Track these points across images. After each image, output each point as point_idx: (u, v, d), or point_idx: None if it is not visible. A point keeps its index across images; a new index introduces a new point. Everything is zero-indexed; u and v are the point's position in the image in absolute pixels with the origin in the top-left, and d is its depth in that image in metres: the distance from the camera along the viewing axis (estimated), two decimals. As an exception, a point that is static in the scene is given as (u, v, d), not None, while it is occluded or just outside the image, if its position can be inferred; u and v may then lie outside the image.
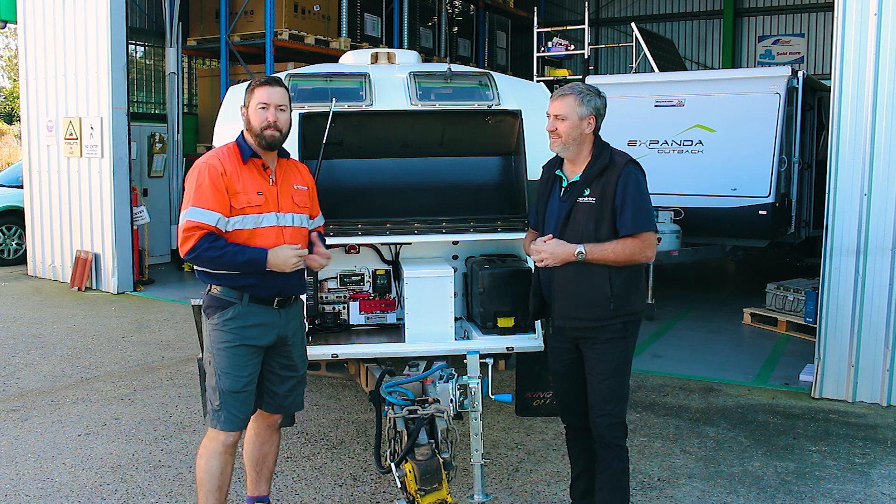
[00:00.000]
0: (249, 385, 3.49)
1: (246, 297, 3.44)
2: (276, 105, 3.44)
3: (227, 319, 3.44)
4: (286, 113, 3.49)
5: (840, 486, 4.53)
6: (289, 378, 3.65)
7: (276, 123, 3.43)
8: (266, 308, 3.48)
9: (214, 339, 3.47)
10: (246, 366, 3.46)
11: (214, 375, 3.47)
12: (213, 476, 3.50)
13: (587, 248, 3.41)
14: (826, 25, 17.68)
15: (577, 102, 3.48)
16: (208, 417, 3.54)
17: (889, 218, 5.73)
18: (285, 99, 3.49)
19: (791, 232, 9.26)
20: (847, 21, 5.81)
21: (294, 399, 3.71)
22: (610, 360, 3.50)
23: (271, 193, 3.48)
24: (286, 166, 3.62)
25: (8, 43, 33.10)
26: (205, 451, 3.53)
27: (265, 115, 3.41)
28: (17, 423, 5.46)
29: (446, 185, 4.95)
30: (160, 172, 12.13)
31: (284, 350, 3.60)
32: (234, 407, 3.46)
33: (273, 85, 3.48)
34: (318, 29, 12.85)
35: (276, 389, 3.64)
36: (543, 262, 3.48)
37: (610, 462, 3.54)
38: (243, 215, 3.40)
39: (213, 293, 3.48)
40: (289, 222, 3.52)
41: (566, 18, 19.39)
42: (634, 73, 12.42)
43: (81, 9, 10.37)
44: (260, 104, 3.43)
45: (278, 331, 3.53)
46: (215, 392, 3.47)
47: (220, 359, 3.45)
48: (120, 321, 8.60)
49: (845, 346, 5.91)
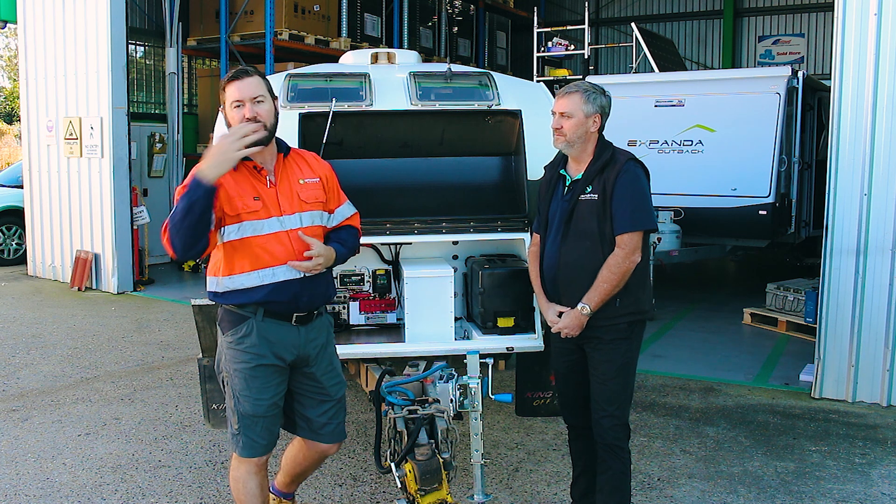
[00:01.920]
0: (271, 409, 3.19)
1: (261, 312, 3.14)
2: (250, 98, 3.05)
3: (240, 337, 3.14)
4: (266, 103, 3.09)
5: (840, 486, 4.53)
6: (321, 402, 3.31)
7: (258, 118, 3.04)
8: (284, 324, 3.17)
9: (229, 357, 3.18)
10: (266, 388, 3.16)
11: (232, 398, 3.18)
12: (254, 495, 3.27)
13: (586, 300, 3.42)
14: (826, 25, 17.68)
15: (582, 100, 3.48)
16: (229, 440, 3.27)
17: (889, 218, 5.73)
18: (261, 88, 3.08)
19: (791, 232, 9.26)
20: (847, 21, 5.81)
21: (334, 428, 3.36)
22: (614, 361, 3.49)
23: (270, 196, 3.13)
24: (288, 162, 3.23)
25: (8, 43, 33.12)
26: (238, 474, 3.27)
27: (241, 113, 3.04)
28: (17, 423, 5.46)
29: (446, 185, 4.95)
30: (160, 172, 12.13)
31: (308, 373, 3.28)
32: (253, 432, 3.18)
33: (242, 77, 3.08)
34: (318, 29, 12.84)
35: (308, 414, 3.32)
36: (566, 335, 3.50)
37: (611, 463, 3.53)
38: (240, 222, 3.08)
39: (227, 308, 3.20)
40: (296, 224, 3.16)
41: (566, 18, 19.39)
42: (634, 73, 12.42)
43: (81, 9, 10.37)
44: (234, 102, 3.07)
45: (298, 350, 3.21)
46: (234, 415, 3.18)
47: (237, 381, 3.16)
48: (120, 321, 8.60)
49: (845, 346, 5.91)
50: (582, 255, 3.47)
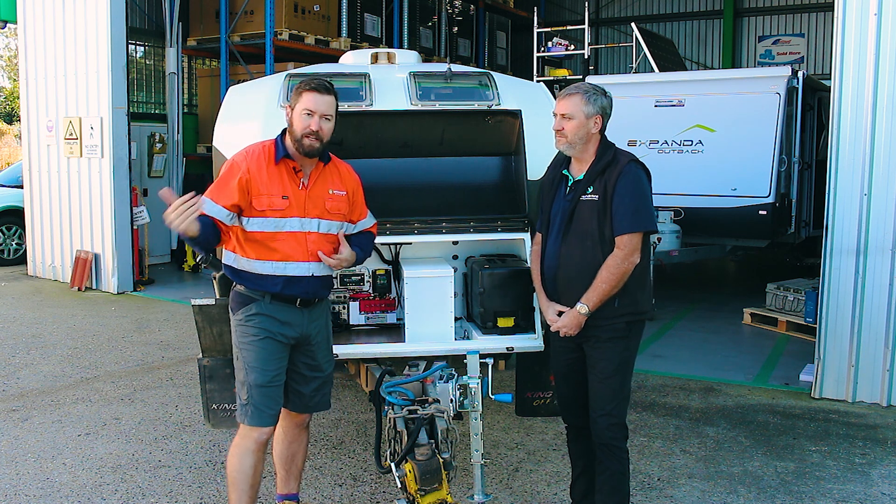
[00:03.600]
0: (277, 379, 3.46)
1: (268, 296, 3.41)
2: (322, 114, 3.34)
3: (250, 315, 3.41)
4: (331, 122, 3.39)
5: (840, 486, 4.53)
6: (314, 378, 3.61)
7: (319, 133, 3.33)
8: (289, 307, 3.45)
9: (240, 333, 3.46)
10: (272, 359, 3.43)
11: (242, 370, 3.44)
12: (245, 475, 3.46)
13: (584, 300, 3.43)
14: (826, 25, 17.68)
15: (583, 101, 3.48)
16: (238, 413, 3.50)
17: (889, 218, 5.73)
18: (332, 108, 3.38)
19: (791, 232, 9.27)
20: (847, 21, 5.81)
21: (321, 399, 3.68)
22: (611, 360, 3.50)
23: (298, 198, 3.39)
24: (325, 171, 3.51)
25: (8, 43, 33.12)
26: (237, 450, 3.49)
27: (308, 123, 3.32)
28: (17, 423, 5.46)
29: (446, 185, 4.95)
30: (160, 172, 12.12)
31: (308, 350, 3.56)
32: (261, 401, 3.41)
33: (323, 93, 3.36)
34: (318, 29, 12.85)
35: (301, 389, 3.60)
36: (564, 334, 3.52)
37: (608, 464, 3.53)
38: (263, 217, 3.35)
39: (238, 290, 3.47)
40: (314, 228, 3.43)
41: (566, 18, 19.39)
42: (634, 73, 12.43)
43: (81, 9, 10.37)
44: (305, 110, 3.33)
45: (302, 329, 3.49)
46: (244, 387, 3.43)
47: (247, 353, 3.42)
48: (120, 321, 8.60)
49: (845, 346, 5.91)
50: (582, 255, 3.48)
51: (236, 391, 3.53)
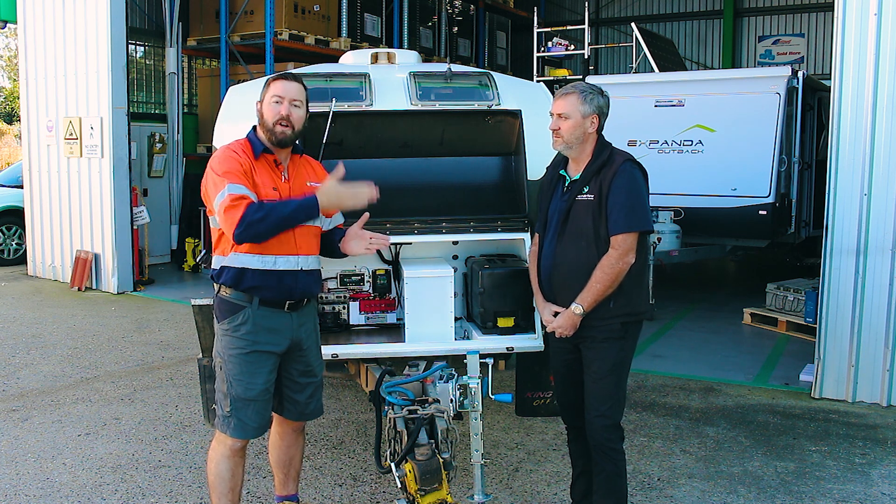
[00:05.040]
0: (264, 394, 3.39)
1: (256, 301, 3.34)
2: (290, 99, 3.36)
3: (237, 325, 3.33)
4: (301, 109, 3.41)
5: (840, 486, 4.53)
6: (308, 384, 3.57)
7: (290, 118, 3.33)
8: (277, 311, 3.37)
9: (225, 344, 3.38)
10: (259, 373, 3.35)
11: (225, 381, 3.37)
12: (223, 479, 3.45)
13: (579, 300, 3.43)
14: (826, 25, 17.68)
15: (580, 101, 3.48)
16: (217, 422, 3.44)
17: (889, 218, 5.73)
18: (301, 95, 3.42)
19: (791, 232, 9.27)
20: (847, 21, 5.81)
21: (315, 405, 3.65)
22: (606, 360, 3.49)
23: (284, 191, 3.39)
24: (299, 163, 3.52)
25: (8, 43, 33.12)
26: (214, 455, 3.47)
27: (278, 109, 3.33)
28: (17, 423, 5.46)
29: (446, 185, 4.95)
30: (160, 172, 12.13)
31: (300, 356, 3.51)
32: (245, 415, 3.36)
33: (289, 80, 3.42)
34: (318, 29, 12.85)
35: (296, 397, 3.56)
36: (559, 334, 3.52)
37: (604, 465, 3.53)
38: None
39: (223, 296, 3.37)
40: None
41: (566, 18, 19.39)
42: (634, 73, 12.43)
43: (81, 9, 10.37)
44: (275, 97, 3.36)
45: (291, 335, 3.43)
46: (226, 398, 3.37)
47: (232, 365, 3.35)
48: (120, 321, 8.60)
49: (845, 346, 5.91)
50: (577, 255, 3.48)
51: (217, 400, 3.44)
